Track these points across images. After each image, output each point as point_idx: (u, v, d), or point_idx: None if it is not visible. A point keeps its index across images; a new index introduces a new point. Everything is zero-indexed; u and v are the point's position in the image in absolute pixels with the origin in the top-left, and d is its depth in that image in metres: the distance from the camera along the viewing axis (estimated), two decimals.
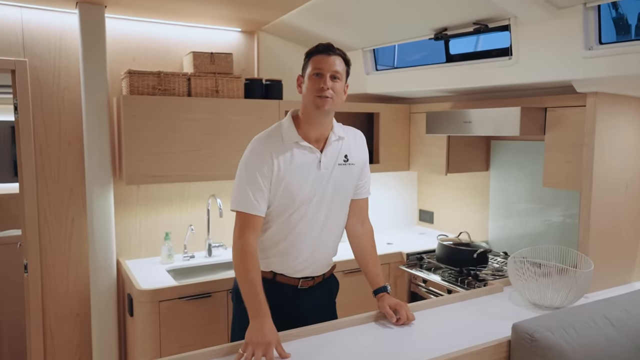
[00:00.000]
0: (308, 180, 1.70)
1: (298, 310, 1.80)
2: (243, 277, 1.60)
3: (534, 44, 2.12)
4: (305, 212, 1.72)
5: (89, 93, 2.37)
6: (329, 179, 1.74)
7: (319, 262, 1.82)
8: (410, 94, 3.08)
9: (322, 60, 1.66)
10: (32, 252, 2.50)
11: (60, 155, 2.53)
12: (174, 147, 2.43)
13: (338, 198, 1.79)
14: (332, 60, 1.66)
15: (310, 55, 1.70)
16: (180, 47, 2.78)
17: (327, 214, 1.77)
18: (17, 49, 2.41)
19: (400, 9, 2.33)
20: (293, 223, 1.72)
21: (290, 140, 1.69)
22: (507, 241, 2.92)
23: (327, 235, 1.80)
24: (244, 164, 1.69)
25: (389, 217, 3.55)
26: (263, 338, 1.44)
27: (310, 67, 1.68)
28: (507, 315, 1.86)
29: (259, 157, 1.67)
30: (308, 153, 1.71)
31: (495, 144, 2.99)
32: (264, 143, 1.69)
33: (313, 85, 1.66)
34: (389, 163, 3.19)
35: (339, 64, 1.68)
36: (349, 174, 1.80)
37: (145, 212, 2.73)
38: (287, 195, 1.68)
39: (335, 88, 1.66)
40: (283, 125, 1.73)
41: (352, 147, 1.83)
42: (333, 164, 1.75)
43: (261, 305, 1.54)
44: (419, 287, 2.72)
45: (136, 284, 2.24)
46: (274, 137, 1.71)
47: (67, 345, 2.64)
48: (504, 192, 2.91)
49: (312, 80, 1.66)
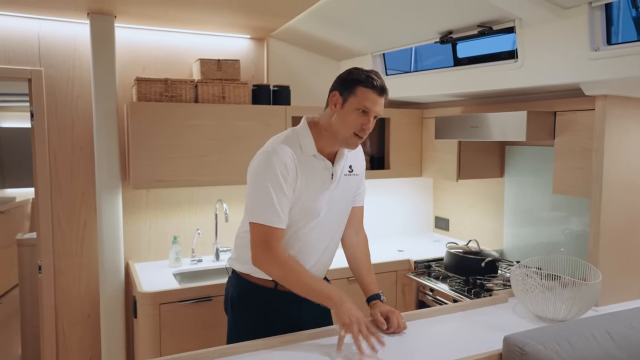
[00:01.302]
0: (322, 192, 1.67)
1: (297, 317, 1.77)
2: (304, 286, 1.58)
3: (539, 46, 2.05)
4: (315, 225, 1.69)
5: (98, 100, 2.44)
6: (336, 190, 1.72)
7: (321, 270, 1.80)
8: (420, 98, 3.04)
9: (374, 100, 1.57)
10: (45, 254, 2.60)
11: (73, 160, 2.63)
12: (179, 153, 2.48)
13: (342, 208, 1.77)
14: (381, 102, 1.59)
15: (361, 84, 1.57)
16: (191, 54, 2.84)
17: (332, 224, 1.75)
18: (33, 58, 2.52)
19: (405, 13, 2.30)
20: (301, 235, 1.68)
21: (309, 152, 1.64)
22: (521, 250, 2.82)
23: (330, 243, 1.78)
24: (266, 171, 1.56)
25: (402, 223, 3.50)
26: (358, 314, 1.52)
27: (357, 99, 1.56)
28: (506, 327, 1.79)
29: (284, 167, 1.56)
30: (324, 164, 1.68)
31: (509, 150, 2.90)
32: (287, 152, 1.58)
33: (356, 120, 1.57)
34: (401, 169, 3.14)
35: (383, 105, 1.62)
36: (352, 184, 1.80)
37: (154, 216, 2.79)
38: (304, 208, 1.64)
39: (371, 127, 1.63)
40: (299, 134, 1.66)
41: (354, 157, 1.81)
42: (340, 175, 1.73)
43: (335, 293, 1.56)
44: (427, 296, 2.66)
45: (139, 287, 2.29)
46: (292, 146, 1.61)
47: (78, 345, 2.72)
48: (519, 199, 2.82)
49: (357, 114, 1.57)
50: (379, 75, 1.61)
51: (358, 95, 1.56)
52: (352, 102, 1.57)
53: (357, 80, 1.57)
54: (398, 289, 2.83)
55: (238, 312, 1.80)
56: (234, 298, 1.81)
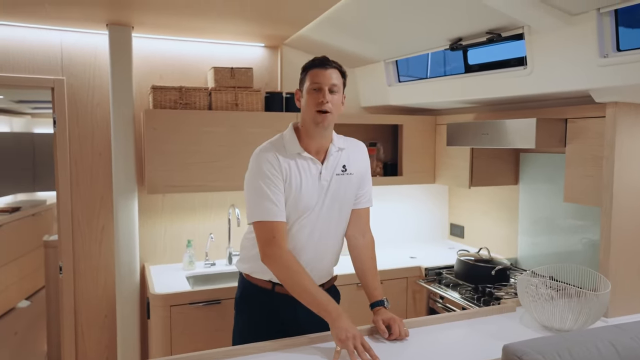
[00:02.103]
0: (310, 192, 1.72)
1: (296, 320, 1.79)
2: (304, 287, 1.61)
3: (548, 53, 2.03)
4: (305, 224, 1.73)
5: (116, 107, 2.54)
6: (328, 189, 1.75)
7: (318, 272, 1.82)
8: (433, 105, 3.03)
9: (320, 74, 1.68)
10: (66, 256, 2.70)
11: (93, 166, 2.73)
12: (193, 159, 2.55)
13: (336, 208, 1.79)
14: (329, 74, 1.68)
15: (307, 70, 1.72)
16: (207, 63, 2.91)
17: (326, 224, 1.77)
18: (56, 68, 2.63)
19: (415, 20, 2.31)
20: (292, 234, 1.73)
21: (293, 151, 1.72)
22: (536, 259, 2.77)
23: (325, 246, 1.80)
24: (257, 173, 1.68)
25: (417, 230, 3.49)
26: (353, 331, 1.53)
27: (308, 81, 1.70)
28: (510, 337, 1.77)
29: (271, 164, 1.67)
30: (310, 164, 1.73)
31: (524, 157, 2.87)
32: (271, 152, 1.70)
33: (312, 99, 1.68)
34: (414, 175, 3.14)
35: (336, 77, 1.70)
36: (348, 184, 1.81)
37: (170, 220, 2.87)
38: (290, 206, 1.70)
39: (333, 101, 1.69)
40: (285, 137, 1.76)
41: (351, 158, 1.83)
42: (332, 174, 1.76)
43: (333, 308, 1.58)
44: (437, 303, 2.65)
45: (151, 289, 2.36)
46: (277, 147, 1.73)
47: (96, 345, 2.81)
48: (534, 207, 2.78)
49: (311, 94, 1.69)
50: (324, 56, 1.72)
51: (307, 79, 1.70)
52: (306, 87, 1.70)
53: (304, 68, 1.73)
54: (409, 296, 2.82)
55: (240, 313, 1.85)
56: (237, 299, 1.86)
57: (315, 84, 1.67)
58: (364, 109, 3.29)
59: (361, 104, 3.28)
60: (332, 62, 1.71)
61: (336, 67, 1.72)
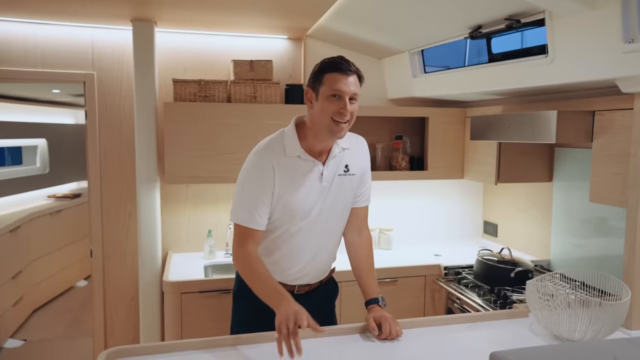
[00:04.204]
0: (309, 194, 1.67)
1: None
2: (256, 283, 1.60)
3: (570, 40, 1.87)
4: (304, 225, 1.69)
5: (139, 100, 2.64)
6: (329, 190, 1.70)
7: (316, 270, 1.81)
8: (459, 96, 2.89)
9: (341, 81, 1.54)
10: (96, 241, 2.87)
11: (120, 156, 2.87)
12: (210, 150, 2.60)
13: (337, 209, 1.75)
14: (351, 82, 1.56)
15: (325, 72, 1.57)
16: (230, 56, 2.94)
17: (326, 225, 1.74)
18: (87, 63, 2.78)
19: (432, 8, 2.21)
20: (290, 234, 1.70)
21: (293, 153, 1.63)
22: (571, 262, 2.58)
23: (324, 246, 1.77)
24: (246, 176, 1.66)
25: (447, 227, 3.37)
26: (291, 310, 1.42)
27: (326, 86, 1.56)
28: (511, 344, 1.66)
29: (261, 171, 1.62)
30: (311, 166, 1.66)
31: (559, 152, 2.67)
32: (266, 156, 1.63)
33: (331, 107, 1.55)
34: (440, 170, 3.02)
35: (356, 84, 1.58)
36: (349, 184, 1.75)
37: (193, 210, 2.95)
38: (288, 210, 1.66)
39: (353, 110, 1.58)
40: (286, 136, 1.67)
41: (354, 156, 1.77)
42: (333, 175, 1.71)
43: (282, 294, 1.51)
44: (455, 304, 2.54)
45: (165, 276, 2.44)
46: (275, 148, 1.65)
47: (123, 325, 2.96)
48: (570, 206, 2.58)
49: (330, 101, 1.55)
50: (343, 58, 1.60)
51: (325, 83, 1.56)
52: (323, 92, 1.56)
53: (322, 70, 1.58)
54: (427, 295, 2.73)
55: (235, 307, 1.87)
56: (235, 293, 1.89)
57: (336, 91, 1.54)
58: (391, 100, 3.20)
59: (388, 96, 3.19)
60: (352, 67, 1.58)
61: (356, 72, 1.59)
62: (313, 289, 1.84)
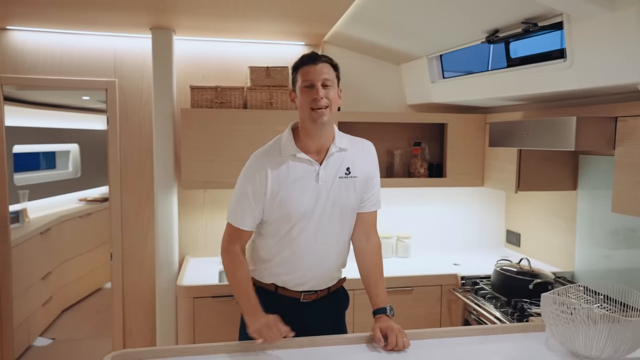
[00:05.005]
0: (305, 194, 1.67)
1: (301, 323, 1.76)
2: (237, 284, 1.69)
3: (589, 43, 1.80)
4: (304, 227, 1.69)
5: (157, 107, 2.69)
6: (329, 192, 1.70)
7: (321, 276, 1.79)
8: (476, 102, 2.82)
9: (310, 71, 1.63)
10: (116, 245, 2.93)
11: (140, 161, 2.93)
12: (224, 156, 2.62)
13: (339, 212, 1.73)
14: (319, 69, 1.63)
15: (297, 68, 1.68)
16: (248, 62, 2.96)
17: (328, 228, 1.72)
18: (109, 71, 2.86)
19: (446, 13, 2.17)
20: (292, 237, 1.70)
21: (288, 153, 1.68)
22: (597, 274, 2.47)
23: (328, 250, 1.75)
24: (241, 178, 1.74)
25: (468, 236, 3.29)
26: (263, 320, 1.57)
27: (299, 80, 1.66)
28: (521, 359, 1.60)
29: (253, 173, 1.69)
30: (306, 166, 1.68)
31: (584, 159, 2.57)
32: (260, 159, 1.71)
33: (306, 97, 1.63)
34: (459, 177, 2.95)
35: (327, 71, 1.64)
36: (351, 187, 1.73)
37: (211, 214, 2.98)
38: (283, 210, 1.68)
39: (329, 96, 1.63)
40: (282, 138, 1.74)
41: (357, 159, 1.75)
42: (334, 177, 1.70)
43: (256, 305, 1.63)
44: (471, 315, 2.47)
45: (179, 280, 2.47)
46: (271, 151, 1.72)
47: (141, 327, 3.02)
48: (596, 216, 2.47)
49: (304, 92, 1.64)
50: (314, 52, 1.69)
51: (298, 78, 1.66)
52: (298, 87, 1.66)
53: (294, 68, 1.69)
54: (443, 305, 2.66)
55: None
56: None
57: (306, 81, 1.63)
58: (410, 106, 3.16)
59: (406, 102, 3.15)
60: (321, 57, 1.66)
61: (326, 60, 1.66)
62: (321, 298, 1.82)
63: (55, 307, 4.40)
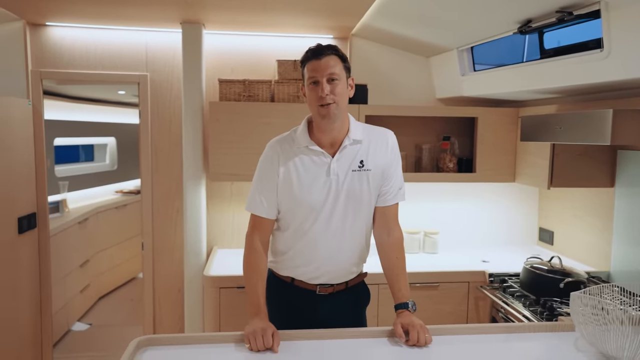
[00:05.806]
0: (316, 186, 1.66)
1: (317, 316, 1.77)
2: (247, 279, 1.70)
3: (628, 32, 1.71)
4: (317, 219, 1.69)
5: (187, 100, 2.74)
6: (342, 185, 1.68)
7: (336, 269, 1.77)
8: (508, 95, 2.74)
9: (315, 66, 1.59)
10: (147, 235, 3.01)
11: (170, 154, 2.99)
12: (251, 149, 2.64)
13: (353, 206, 1.71)
14: (324, 63, 1.59)
15: (303, 63, 1.64)
16: (277, 56, 2.97)
17: (342, 221, 1.71)
18: (141, 65, 2.93)
19: (478, 4, 2.11)
20: (305, 229, 1.70)
21: (301, 144, 1.68)
22: (634, 275, 2.37)
23: (342, 244, 1.73)
24: (259, 166, 1.76)
25: (499, 233, 3.21)
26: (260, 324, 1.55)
27: (306, 75, 1.64)
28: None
29: (265, 160, 1.72)
30: (318, 158, 1.67)
31: (622, 155, 2.46)
32: (273, 146, 1.73)
33: (313, 94, 1.61)
34: (489, 173, 2.88)
35: (334, 64, 1.59)
36: (365, 181, 1.70)
37: (238, 206, 3.02)
38: (294, 200, 1.68)
39: (335, 91, 1.60)
40: (297, 130, 1.74)
41: (372, 151, 1.71)
42: (346, 170, 1.68)
43: (260, 307, 1.62)
44: (499, 313, 2.41)
45: (206, 271, 2.51)
46: (285, 140, 1.73)
47: (170, 315, 3.09)
48: (634, 214, 2.36)
49: (311, 89, 1.62)
50: (319, 44, 1.64)
51: (305, 74, 1.64)
52: (306, 83, 1.65)
53: (302, 63, 1.66)
54: (470, 302, 2.61)
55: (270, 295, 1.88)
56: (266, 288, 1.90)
57: (312, 77, 1.60)
58: (439, 100, 3.10)
59: (436, 95, 3.10)
60: (326, 49, 1.60)
61: (332, 52, 1.61)
62: (338, 292, 1.80)
63: (92, 294, 4.57)
